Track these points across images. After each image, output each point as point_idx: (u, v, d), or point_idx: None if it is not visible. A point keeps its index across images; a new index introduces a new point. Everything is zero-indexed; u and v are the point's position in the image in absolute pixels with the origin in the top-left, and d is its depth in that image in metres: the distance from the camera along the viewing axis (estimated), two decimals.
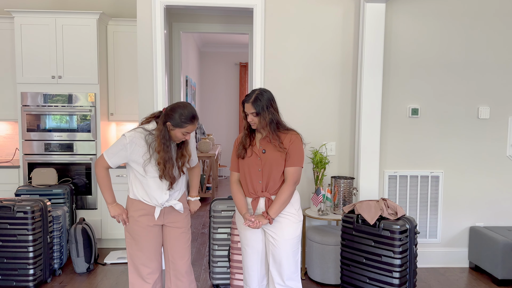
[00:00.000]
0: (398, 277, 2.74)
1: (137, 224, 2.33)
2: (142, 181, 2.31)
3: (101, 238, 4.27)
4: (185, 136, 2.28)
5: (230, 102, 8.94)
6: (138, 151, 2.25)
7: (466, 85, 3.79)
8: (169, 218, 2.41)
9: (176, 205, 2.38)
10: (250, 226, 2.30)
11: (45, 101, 4.10)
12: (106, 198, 2.31)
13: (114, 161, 2.27)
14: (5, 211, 3.15)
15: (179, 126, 2.23)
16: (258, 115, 2.33)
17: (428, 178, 3.82)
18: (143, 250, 2.34)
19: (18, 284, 3.17)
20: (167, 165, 2.25)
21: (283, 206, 2.33)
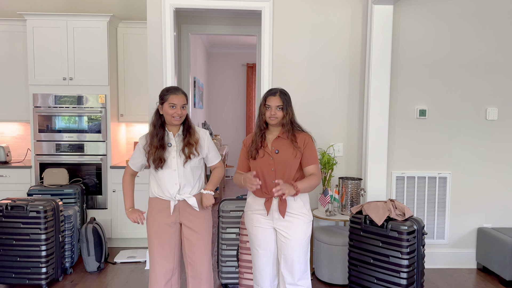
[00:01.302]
0: (406, 277, 2.75)
1: (154, 220, 2.45)
2: (155, 175, 2.45)
3: (111, 238, 4.32)
4: (175, 110, 2.38)
5: (237, 103, 8.99)
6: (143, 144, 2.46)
7: (474, 86, 3.79)
8: (186, 217, 2.46)
9: (189, 199, 2.44)
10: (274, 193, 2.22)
11: (56, 102, 4.17)
12: (125, 203, 2.50)
13: (133, 162, 2.52)
14: (19, 211, 3.22)
15: (164, 100, 2.40)
16: (282, 109, 2.40)
17: (435, 179, 3.82)
18: (160, 247, 2.42)
19: (31, 282, 3.23)
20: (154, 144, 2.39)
21: (310, 188, 2.36)
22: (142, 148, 2.45)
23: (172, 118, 2.39)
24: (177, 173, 2.42)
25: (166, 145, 2.42)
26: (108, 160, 4.25)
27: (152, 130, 2.44)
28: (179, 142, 2.45)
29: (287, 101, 2.43)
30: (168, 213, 2.43)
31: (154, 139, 2.41)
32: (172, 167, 2.41)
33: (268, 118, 2.42)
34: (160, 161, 2.38)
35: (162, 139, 2.41)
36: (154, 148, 2.39)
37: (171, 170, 2.41)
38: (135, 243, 4.37)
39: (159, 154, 2.39)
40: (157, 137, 2.41)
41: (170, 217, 2.43)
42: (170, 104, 2.38)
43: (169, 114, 2.39)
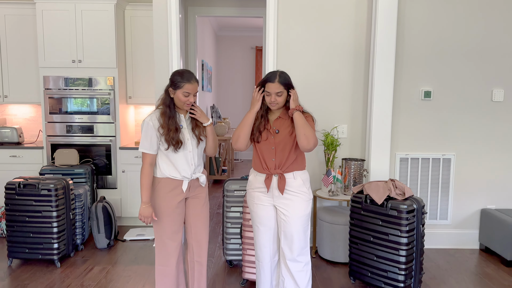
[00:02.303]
0: (405, 255, 2.81)
1: (165, 200, 2.46)
2: (168, 156, 2.43)
3: (120, 216, 4.46)
4: (188, 98, 2.40)
5: (246, 86, 9.01)
6: (157, 127, 2.41)
7: (480, 68, 3.77)
8: (193, 192, 2.56)
9: (201, 177, 2.54)
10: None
11: (66, 85, 4.26)
12: (142, 196, 2.42)
13: (150, 146, 2.41)
14: (31, 189, 3.34)
15: (178, 87, 2.38)
16: (282, 95, 2.43)
17: (439, 160, 3.84)
18: (171, 224, 2.47)
19: (44, 257, 3.37)
20: (171, 127, 2.38)
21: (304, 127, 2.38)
22: (157, 130, 2.40)
23: (183, 105, 2.43)
24: (192, 154, 2.48)
25: (179, 127, 2.45)
26: (117, 142, 4.35)
27: (166, 112, 2.42)
28: (189, 124, 2.52)
29: (288, 84, 2.44)
30: (180, 192, 2.48)
31: (169, 121, 2.40)
32: (188, 148, 2.46)
33: (269, 104, 2.46)
34: (178, 143, 2.40)
35: (176, 121, 2.43)
36: (172, 131, 2.39)
37: (187, 151, 2.46)
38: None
39: (176, 136, 2.39)
40: (172, 119, 2.41)
41: (182, 195, 2.49)
42: (184, 92, 2.39)
43: (182, 101, 2.41)
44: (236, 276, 3.27)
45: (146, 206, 2.41)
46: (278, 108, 2.47)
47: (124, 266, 3.43)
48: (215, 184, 6.72)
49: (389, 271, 2.88)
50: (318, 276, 3.28)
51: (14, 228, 3.37)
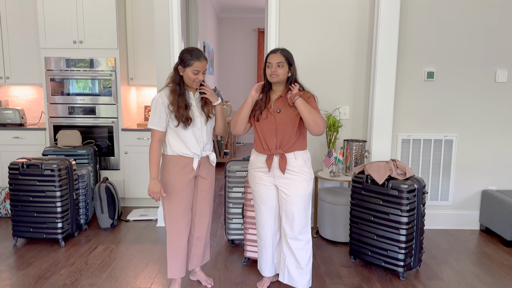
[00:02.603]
0: (405, 234, 2.83)
1: (177, 177, 2.50)
2: (178, 134, 2.47)
3: (124, 197, 4.49)
4: (197, 76, 2.43)
5: (248, 69, 8.96)
6: (166, 104, 2.43)
7: (484, 49, 3.73)
8: (202, 170, 2.61)
9: (211, 155, 2.60)
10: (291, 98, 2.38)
11: (67, 66, 4.25)
12: (151, 172, 2.44)
13: (159, 122, 2.44)
14: (34, 169, 3.37)
15: (187, 65, 2.41)
16: (283, 67, 2.42)
17: (441, 141, 3.84)
18: (182, 201, 2.52)
19: (48, 236, 3.42)
20: (180, 105, 2.41)
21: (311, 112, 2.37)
22: (167, 107, 2.42)
23: (193, 83, 2.46)
24: (201, 132, 2.51)
25: (189, 104, 2.47)
26: (120, 123, 4.36)
27: (174, 87, 2.44)
28: (198, 102, 2.54)
29: (289, 58, 2.45)
30: (191, 169, 2.52)
31: (179, 98, 2.42)
32: (197, 125, 2.49)
33: (269, 76, 2.46)
34: (188, 120, 2.42)
35: (185, 99, 2.45)
36: (182, 108, 2.41)
37: (196, 128, 2.49)
38: (147, 202, 4.53)
39: (186, 113, 2.42)
40: (182, 97, 2.44)
41: (192, 173, 2.53)
42: (194, 70, 2.41)
43: (191, 79, 2.44)
44: (238, 254, 3.31)
45: (155, 181, 2.44)
46: (278, 81, 2.46)
47: (128, 245, 3.48)
48: (217, 167, 6.75)
49: (389, 250, 2.91)
50: (319, 255, 3.31)
51: (19, 208, 3.41)
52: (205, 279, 2.81)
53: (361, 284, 2.84)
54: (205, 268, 3.05)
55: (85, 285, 2.78)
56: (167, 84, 2.51)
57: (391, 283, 2.86)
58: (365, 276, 2.97)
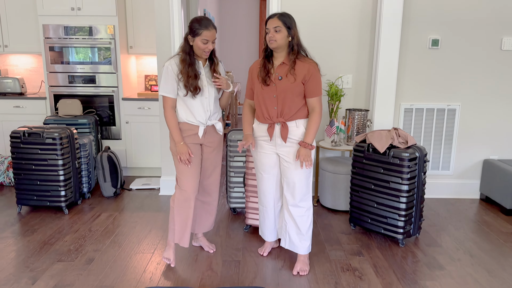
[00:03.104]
0: (405, 202, 2.85)
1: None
2: (185, 102, 2.50)
3: (126, 167, 4.52)
4: (207, 45, 2.43)
5: (250, 39, 8.82)
6: (176, 72, 2.46)
7: (490, 15, 3.64)
8: (208, 138, 2.63)
9: (217, 124, 2.61)
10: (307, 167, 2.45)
11: (66, 34, 4.18)
12: (174, 137, 2.49)
13: (171, 89, 2.47)
14: (35, 138, 3.37)
15: (197, 34, 2.41)
16: (280, 32, 2.36)
17: (444, 111, 3.81)
18: (191, 167, 2.55)
19: (52, 204, 3.46)
20: (190, 74, 2.43)
21: (316, 132, 2.46)
22: (176, 76, 2.46)
23: (202, 52, 2.46)
24: (208, 101, 2.53)
25: (198, 74, 2.48)
26: (120, 92, 4.33)
27: (184, 57, 2.46)
28: (207, 72, 2.55)
29: (288, 22, 2.38)
30: (197, 137, 2.56)
31: (189, 68, 2.44)
32: (204, 95, 2.51)
33: (268, 42, 2.41)
34: (196, 90, 2.45)
35: (195, 68, 2.47)
36: (190, 77, 2.43)
37: (203, 98, 2.51)
38: (149, 172, 4.56)
39: (195, 83, 2.44)
40: (192, 66, 2.45)
41: (198, 140, 2.58)
42: (203, 39, 2.41)
43: (201, 49, 2.44)
44: (239, 222, 3.35)
45: (181, 144, 2.49)
46: (276, 46, 2.40)
47: (131, 212, 3.52)
48: None
49: (389, 218, 2.94)
50: (319, 222, 3.35)
51: (21, 176, 3.43)
52: (208, 245, 2.86)
53: (361, 250, 2.88)
54: (207, 235, 3.10)
55: (89, 250, 2.83)
56: (177, 52, 2.53)
57: (390, 249, 2.91)
58: (364, 242, 3.01)
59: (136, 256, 2.76)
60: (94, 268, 2.60)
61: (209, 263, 2.68)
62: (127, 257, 2.75)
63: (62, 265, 2.63)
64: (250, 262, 2.70)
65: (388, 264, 2.71)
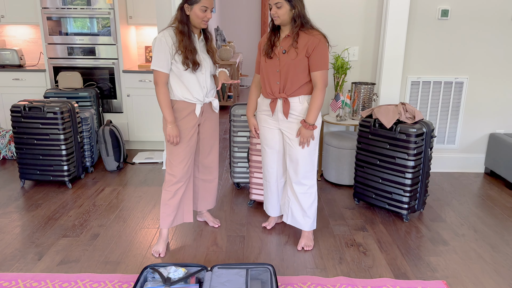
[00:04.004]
0: (411, 177, 2.83)
1: (181, 124, 2.43)
2: (181, 78, 2.35)
3: (128, 140, 4.49)
4: (206, 14, 2.30)
5: (252, 8, 8.59)
6: (170, 44, 2.30)
7: None
8: (205, 116, 2.54)
9: (214, 101, 2.51)
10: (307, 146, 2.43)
11: (64, 3, 4.05)
12: (166, 117, 2.35)
13: (165, 63, 2.31)
14: (36, 112, 3.32)
15: (195, 2, 2.27)
16: (282, 7, 2.27)
17: (452, 84, 3.73)
18: (184, 149, 2.45)
19: (55, 178, 3.45)
20: (188, 47, 2.29)
21: (318, 111, 2.37)
22: (171, 48, 2.30)
23: (201, 22, 2.31)
24: (205, 77, 2.42)
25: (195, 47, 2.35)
26: (120, 64, 4.24)
27: (181, 28, 2.30)
28: (202, 47, 2.44)
29: None
30: (194, 117, 2.44)
31: (186, 39, 2.29)
32: (202, 70, 2.39)
33: (273, 18, 2.34)
34: (195, 64, 2.31)
35: (193, 41, 2.33)
36: (190, 51, 2.29)
37: (200, 73, 2.39)
38: (152, 145, 4.53)
39: (194, 57, 2.30)
40: (190, 39, 2.31)
41: (195, 119, 2.46)
42: (202, 7, 2.27)
43: (200, 18, 2.29)
44: (243, 197, 3.35)
45: (172, 125, 2.36)
46: (280, 22, 2.33)
47: (135, 187, 3.52)
48: (221, 110, 6.69)
49: (393, 193, 2.93)
50: (323, 197, 3.35)
51: (24, 151, 3.41)
52: (212, 220, 2.86)
53: (365, 225, 2.89)
54: (211, 210, 3.10)
55: (94, 226, 2.84)
56: (170, 24, 2.37)
57: (394, 224, 2.91)
58: (368, 217, 3.01)
59: (141, 232, 2.77)
60: (100, 244, 2.61)
61: (214, 239, 2.69)
62: (132, 232, 2.76)
63: (67, 240, 2.64)
64: (254, 237, 2.71)
65: (392, 239, 2.72)
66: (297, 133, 2.42)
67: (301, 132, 2.39)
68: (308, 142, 2.41)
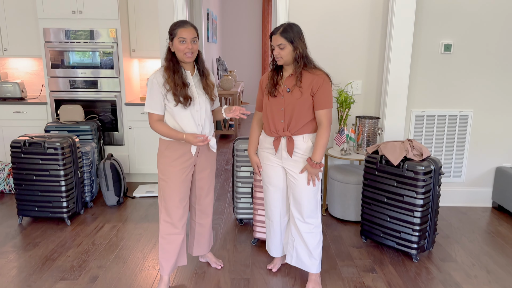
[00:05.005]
0: (420, 216, 2.76)
1: (174, 167, 2.34)
2: (175, 116, 2.29)
3: (129, 173, 4.42)
4: (185, 45, 2.23)
5: (253, 37, 8.68)
6: (161, 84, 2.27)
7: (504, 19, 3.52)
8: (201, 157, 2.45)
9: (211, 140, 2.41)
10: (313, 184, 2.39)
11: (67, 37, 4.07)
12: (175, 136, 2.27)
13: (157, 105, 2.28)
14: (37, 147, 3.27)
15: (173, 35, 2.26)
16: (285, 48, 2.26)
17: (456, 117, 3.70)
18: (178, 192, 2.36)
19: (54, 215, 3.36)
20: (177, 82, 2.25)
21: (324, 148, 2.33)
22: (161, 86, 2.25)
23: (184, 55, 2.25)
24: (199, 114, 2.34)
25: (186, 83, 2.29)
26: (123, 97, 4.22)
27: (170, 65, 2.27)
28: (197, 82, 2.38)
29: (290, 37, 2.25)
30: (189, 157, 2.36)
31: (175, 75, 2.25)
32: (196, 107, 2.32)
33: (276, 59, 2.32)
34: (187, 99, 2.25)
35: (182, 76, 2.28)
36: (178, 86, 2.24)
37: (194, 110, 2.31)
38: (153, 178, 4.46)
39: (184, 92, 2.25)
40: (177, 74, 2.26)
41: (191, 160, 2.38)
42: (179, 39, 2.22)
43: (181, 51, 2.24)
44: (246, 234, 3.26)
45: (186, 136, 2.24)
46: (283, 63, 2.32)
47: (135, 223, 3.43)
48: (222, 139, 6.65)
49: (402, 232, 2.84)
50: (329, 234, 3.26)
51: (22, 187, 3.34)
52: (215, 260, 2.76)
53: (373, 266, 2.79)
54: (214, 249, 3.01)
55: (93, 267, 2.74)
56: (162, 64, 2.35)
57: (404, 265, 2.82)
58: (377, 257, 2.92)
59: (141, 274, 2.67)
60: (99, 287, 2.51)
61: (217, 282, 2.59)
62: (132, 274, 2.66)
63: (65, 284, 2.54)
64: (259, 280, 2.61)
65: (402, 281, 2.62)
66: (301, 171, 2.37)
67: (308, 171, 2.35)
68: (314, 179, 2.36)
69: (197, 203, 2.56)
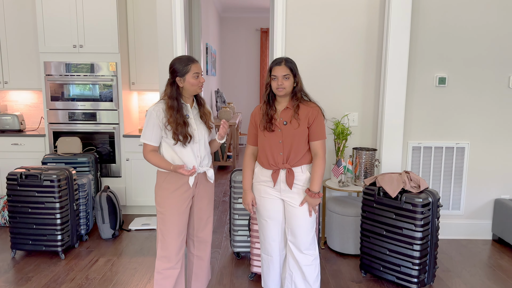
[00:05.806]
0: (419, 249, 2.72)
1: (171, 199, 2.33)
2: (173, 149, 2.31)
3: (126, 205, 4.38)
4: (199, 80, 2.31)
5: (251, 69, 8.84)
6: (161, 118, 2.28)
7: (497, 53, 3.60)
8: (199, 188, 2.43)
9: (209, 171, 2.40)
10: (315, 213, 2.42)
11: (67, 71, 4.13)
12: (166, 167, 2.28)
13: (153, 137, 2.29)
14: (33, 180, 3.25)
15: (186, 72, 2.28)
16: (289, 79, 2.32)
17: (453, 149, 3.72)
18: (177, 225, 2.34)
19: (48, 249, 3.31)
20: (179, 121, 2.26)
21: (322, 178, 2.37)
22: (161, 121, 2.28)
23: (197, 88, 2.32)
24: (198, 146, 2.35)
25: (187, 119, 2.31)
26: (121, 129, 4.24)
27: (171, 103, 2.28)
28: (196, 114, 2.40)
29: (294, 69, 2.34)
30: (187, 188, 2.35)
31: (176, 114, 2.27)
32: (195, 140, 2.33)
33: (275, 89, 2.34)
34: (187, 138, 2.27)
35: (183, 114, 2.30)
36: (180, 125, 2.26)
37: (193, 143, 2.33)
38: (149, 210, 4.42)
39: (184, 131, 2.27)
40: (179, 112, 2.28)
41: (189, 191, 2.37)
42: (194, 74, 2.28)
43: (195, 85, 2.30)
44: (243, 268, 3.20)
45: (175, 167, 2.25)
46: (284, 94, 2.35)
47: (130, 257, 3.36)
48: (220, 170, 6.64)
49: (402, 266, 2.79)
50: (328, 268, 3.20)
51: (17, 220, 3.30)
52: None
53: None
54: (210, 284, 2.94)
55: None
56: (162, 97, 2.36)
57: None
58: None
59: None
60: None
61: None
62: None
63: None
64: None
65: None
66: (302, 203, 2.36)
67: (308, 202, 2.35)
68: (315, 209, 2.38)
69: (196, 234, 2.52)
